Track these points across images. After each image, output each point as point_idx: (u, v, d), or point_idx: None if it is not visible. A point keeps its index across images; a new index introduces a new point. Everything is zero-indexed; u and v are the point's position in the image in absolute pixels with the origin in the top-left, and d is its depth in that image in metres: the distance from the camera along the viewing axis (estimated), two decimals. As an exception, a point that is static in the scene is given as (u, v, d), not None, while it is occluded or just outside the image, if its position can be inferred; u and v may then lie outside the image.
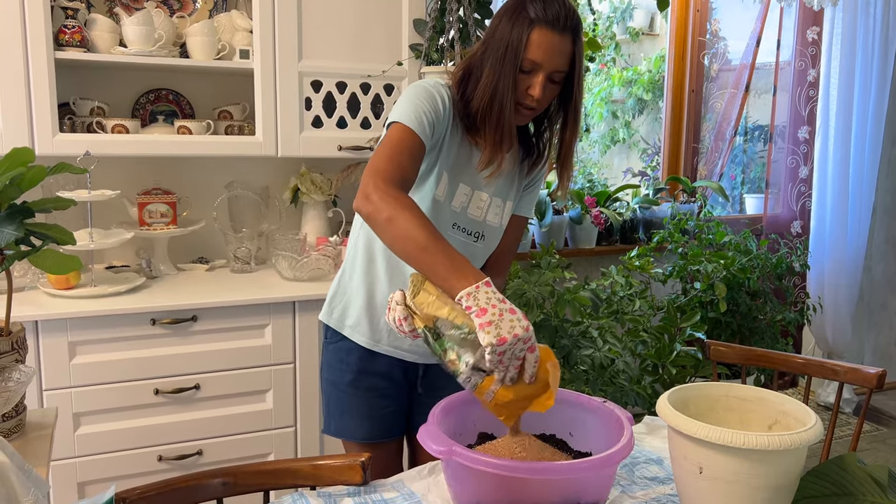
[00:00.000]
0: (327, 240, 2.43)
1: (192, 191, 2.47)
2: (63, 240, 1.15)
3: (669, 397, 1.26)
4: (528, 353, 1.12)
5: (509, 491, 1.15)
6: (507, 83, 1.35)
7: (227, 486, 1.33)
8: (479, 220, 1.51)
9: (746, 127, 4.19)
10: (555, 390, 1.19)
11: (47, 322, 1.88)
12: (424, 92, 1.39)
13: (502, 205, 1.53)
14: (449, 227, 1.48)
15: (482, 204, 1.50)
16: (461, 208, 1.49)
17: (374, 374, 1.54)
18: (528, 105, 1.40)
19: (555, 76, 1.38)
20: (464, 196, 1.48)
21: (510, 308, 1.10)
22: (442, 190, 1.45)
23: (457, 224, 1.49)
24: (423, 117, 1.34)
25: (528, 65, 1.35)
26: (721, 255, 2.79)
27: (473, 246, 1.52)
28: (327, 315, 1.58)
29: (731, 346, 2.07)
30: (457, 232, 1.50)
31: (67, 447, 1.94)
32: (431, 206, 1.44)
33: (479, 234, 1.52)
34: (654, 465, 1.44)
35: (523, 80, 1.37)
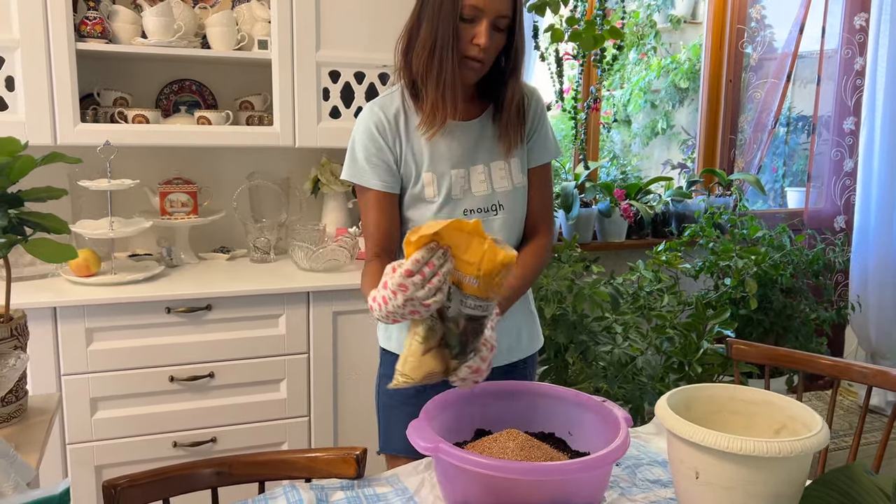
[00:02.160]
0: (347, 231, 2.42)
1: (214, 181, 2.49)
2: (57, 228, 1.17)
3: (671, 398, 1.22)
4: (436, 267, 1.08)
5: (497, 491, 1.12)
6: (447, 33, 1.30)
7: (222, 476, 1.33)
8: (488, 194, 1.46)
9: (789, 118, 4.04)
10: None
11: (65, 308, 1.91)
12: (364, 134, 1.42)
13: (506, 166, 1.47)
14: (460, 215, 1.44)
15: (482, 176, 1.45)
16: (464, 192, 1.45)
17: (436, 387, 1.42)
18: (474, 56, 1.33)
19: (499, 22, 1.32)
20: (461, 179, 1.44)
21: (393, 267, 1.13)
22: (431, 191, 1.43)
23: (468, 209, 1.45)
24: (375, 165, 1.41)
25: (469, 11, 1.29)
26: (753, 250, 2.70)
27: (496, 221, 1.47)
28: (385, 340, 1.60)
29: (753, 344, 1.99)
30: (471, 216, 1.44)
31: (85, 431, 1.98)
32: (432, 211, 1.44)
33: (495, 206, 1.46)
34: (658, 468, 1.39)
35: (466, 29, 1.31)
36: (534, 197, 1.53)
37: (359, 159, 1.42)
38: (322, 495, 1.26)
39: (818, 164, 3.63)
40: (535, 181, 1.53)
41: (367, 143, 1.42)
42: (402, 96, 1.45)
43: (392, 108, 1.43)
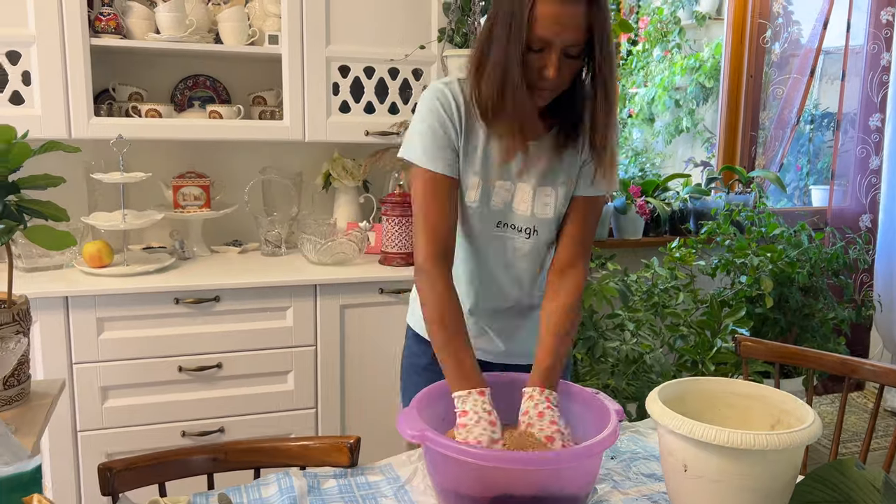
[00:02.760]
0: (357, 225, 2.43)
1: (226, 175, 2.52)
2: (55, 216, 1.19)
3: (663, 391, 1.20)
4: None
5: (485, 480, 1.12)
6: (515, 67, 1.21)
7: (218, 462, 1.35)
8: (527, 215, 1.38)
9: (813, 115, 3.96)
10: None
11: (77, 298, 1.96)
12: (430, 111, 1.32)
13: (552, 193, 1.38)
14: (493, 226, 1.39)
15: (526, 196, 1.37)
16: (504, 205, 1.37)
17: None
18: (545, 87, 1.25)
19: (571, 50, 1.22)
20: (504, 192, 1.36)
21: (492, 420, 1.18)
22: (474, 195, 1.35)
23: (502, 222, 1.39)
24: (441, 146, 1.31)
25: (537, 43, 1.20)
26: (769, 248, 2.65)
27: (526, 243, 1.40)
28: (410, 316, 1.58)
29: (761, 341, 1.96)
30: (504, 230, 1.39)
31: (95, 419, 2.02)
32: (469, 214, 1.37)
33: (530, 230, 1.39)
34: (654, 462, 1.38)
35: (535, 59, 1.22)
36: (575, 228, 1.40)
37: (424, 139, 1.32)
38: (314, 483, 1.27)
39: (843, 161, 3.56)
40: (584, 210, 1.40)
41: (435, 123, 1.31)
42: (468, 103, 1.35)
43: (459, 94, 1.34)
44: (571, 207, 1.40)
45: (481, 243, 1.41)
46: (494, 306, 1.47)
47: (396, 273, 2.25)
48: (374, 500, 1.23)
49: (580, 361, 2.32)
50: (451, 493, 1.15)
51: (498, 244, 1.41)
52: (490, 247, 1.41)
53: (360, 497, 1.24)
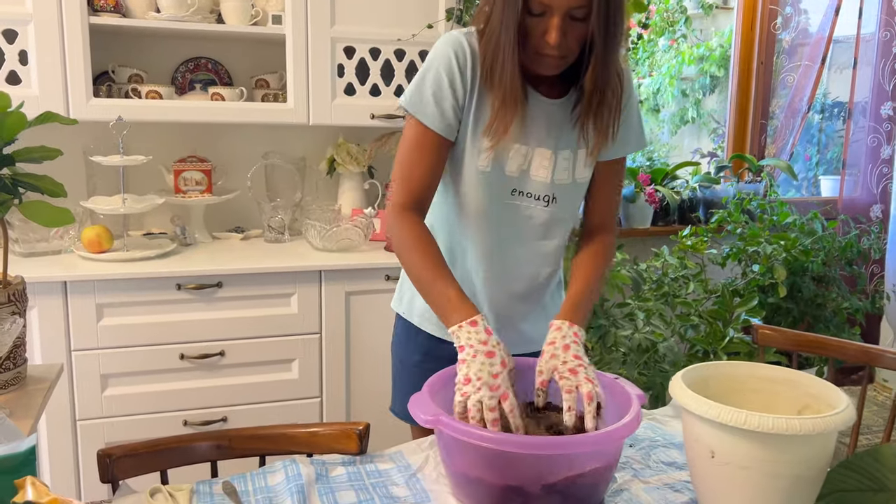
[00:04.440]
0: (362, 211, 2.39)
1: (229, 160, 2.47)
2: (52, 191, 1.14)
3: (686, 375, 1.15)
4: (502, 400, 1.09)
5: (501, 466, 1.07)
6: (510, 32, 1.14)
7: (222, 450, 1.30)
8: (546, 183, 1.30)
9: (823, 104, 3.90)
10: None
11: (75, 283, 1.90)
12: (441, 60, 1.23)
13: (571, 157, 1.29)
14: (507, 195, 1.30)
15: (546, 162, 1.28)
16: (520, 171, 1.29)
17: (443, 360, 1.34)
18: (549, 53, 1.16)
19: (576, 13, 1.13)
20: (520, 157, 1.27)
21: (488, 350, 1.12)
22: (485, 159, 1.26)
23: (517, 190, 1.30)
24: (441, 101, 1.22)
25: (537, 7, 1.13)
26: (782, 235, 2.60)
27: (543, 212, 1.32)
28: (397, 302, 1.51)
29: (779, 329, 1.91)
30: (519, 198, 1.31)
31: (95, 407, 1.97)
32: (478, 181, 1.28)
33: (548, 197, 1.31)
34: (673, 450, 1.33)
35: (537, 24, 1.14)
36: (601, 193, 1.36)
37: (425, 88, 1.24)
38: (322, 470, 1.22)
39: (854, 151, 3.50)
40: (607, 175, 1.35)
41: (443, 74, 1.23)
42: None
43: (477, 47, 1.23)
44: (595, 170, 1.35)
45: (492, 214, 1.32)
46: (504, 288, 1.39)
47: (403, 260, 2.19)
48: (384, 489, 1.18)
49: (591, 350, 2.27)
50: (466, 480, 1.10)
51: (510, 214, 1.32)
52: (502, 218, 1.33)
53: (370, 485, 1.19)
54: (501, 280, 1.38)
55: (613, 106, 1.24)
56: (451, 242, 1.38)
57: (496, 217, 1.32)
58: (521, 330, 1.44)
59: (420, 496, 1.15)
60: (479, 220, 1.33)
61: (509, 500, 1.07)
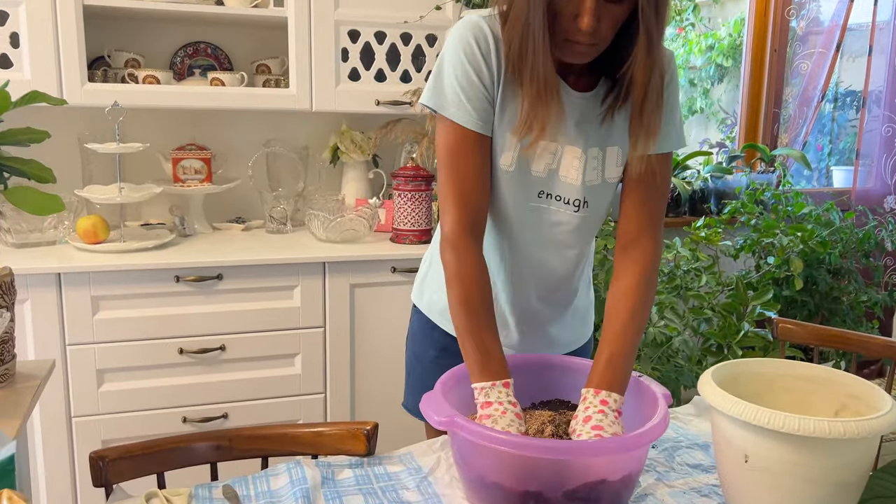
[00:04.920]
0: (367, 202, 2.31)
1: (229, 148, 2.40)
2: (40, 176, 1.07)
3: (716, 373, 1.09)
4: None
5: (520, 471, 1.00)
6: (539, 15, 1.02)
7: (222, 451, 1.23)
8: (577, 185, 1.17)
9: (836, 93, 3.82)
10: None
11: (69, 275, 1.83)
12: (462, 48, 1.11)
13: (600, 155, 1.17)
14: (532, 197, 1.18)
15: (576, 162, 1.16)
16: (548, 171, 1.17)
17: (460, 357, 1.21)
18: (580, 40, 1.04)
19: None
20: (549, 155, 1.15)
21: (518, 413, 1.07)
22: (509, 158, 1.15)
23: (544, 192, 1.18)
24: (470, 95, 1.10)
25: None
26: (799, 227, 2.52)
27: (574, 217, 1.20)
28: (418, 296, 1.42)
29: (801, 324, 1.84)
30: (546, 201, 1.18)
31: (91, 404, 1.90)
32: (500, 181, 1.17)
33: (579, 201, 1.18)
34: (698, 451, 1.26)
35: (568, 6, 1.02)
36: (636, 195, 1.19)
37: (449, 83, 1.11)
38: (328, 473, 1.15)
39: (868, 141, 3.42)
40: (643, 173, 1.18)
41: (468, 66, 1.11)
42: None
43: (499, 32, 1.12)
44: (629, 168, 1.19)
45: (515, 218, 1.21)
46: (528, 292, 1.30)
47: (409, 251, 2.13)
48: (394, 493, 1.11)
49: (603, 345, 2.20)
50: (481, 485, 1.03)
51: (535, 218, 1.21)
52: (526, 222, 1.22)
53: (378, 489, 1.12)
54: (525, 285, 1.30)
55: (654, 99, 1.11)
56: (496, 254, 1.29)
57: (520, 221, 1.22)
58: (548, 332, 1.37)
59: (432, 501, 1.09)
60: (501, 224, 1.24)
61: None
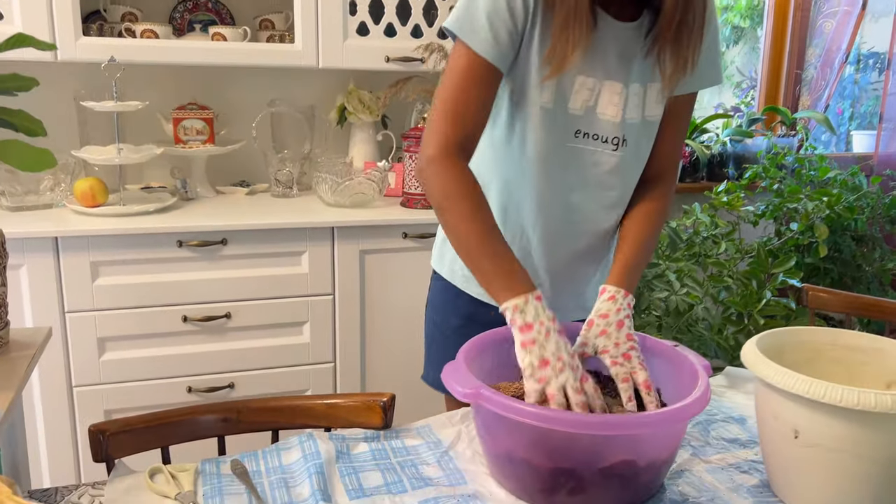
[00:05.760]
0: (375, 164, 2.22)
1: (232, 108, 2.30)
2: (31, 129, 0.98)
3: (759, 342, 1.01)
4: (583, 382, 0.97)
5: (551, 447, 0.93)
6: None
7: (229, 423, 1.16)
8: (616, 122, 1.12)
9: (859, 54, 3.69)
10: None
11: (67, 239, 1.75)
12: None
13: (641, 91, 1.12)
14: (570, 136, 1.12)
15: (616, 98, 1.10)
16: (585, 108, 1.11)
17: (487, 325, 1.16)
18: None
19: None
20: (586, 91, 1.09)
21: (560, 328, 0.98)
22: (548, 94, 1.08)
23: (581, 131, 1.12)
24: (496, 25, 1.03)
25: None
26: (825, 191, 2.43)
27: (612, 157, 1.14)
28: (438, 261, 1.33)
29: (832, 291, 1.76)
30: (584, 140, 1.13)
31: (93, 373, 1.84)
32: (539, 119, 1.10)
33: (618, 139, 1.13)
34: (734, 425, 1.19)
35: None
36: (668, 133, 1.18)
37: (477, 9, 1.04)
38: (343, 447, 1.08)
39: (892, 104, 3.30)
40: (674, 113, 1.17)
41: None
42: None
43: None
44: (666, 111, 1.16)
45: (553, 159, 1.14)
46: (565, 246, 1.22)
47: (421, 216, 2.04)
48: (413, 468, 1.04)
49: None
50: (508, 460, 0.96)
51: (574, 159, 1.14)
52: (563, 164, 1.15)
53: (396, 464, 1.05)
54: (562, 237, 1.21)
55: (695, 31, 1.05)
56: (505, 193, 1.20)
57: (558, 163, 1.14)
58: (580, 294, 1.28)
59: (454, 477, 1.02)
60: (539, 167, 1.15)
61: (559, 483, 0.93)
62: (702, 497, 0.98)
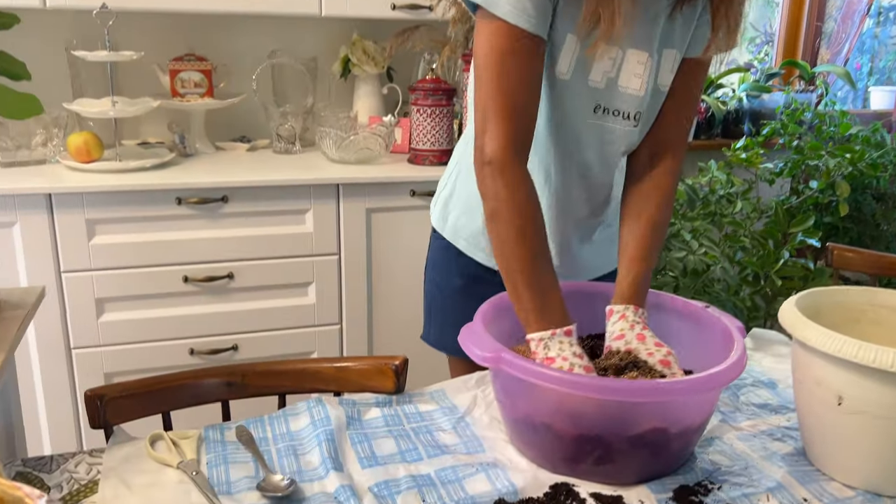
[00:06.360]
0: (381, 119, 2.14)
1: (231, 59, 2.20)
2: (13, 72, 0.90)
3: (799, 303, 0.94)
4: None
5: (576, 413, 0.87)
6: None
7: (234, 388, 1.10)
8: (638, 95, 1.02)
9: (880, 6, 3.56)
10: None
11: (61, 196, 1.68)
12: None
13: (656, 59, 1.02)
14: (588, 112, 1.03)
15: (639, 68, 1.00)
16: (606, 80, 1.01)
17: (490, 285, 1.11)
18: None
19: None
20: (607, 62, 1.00)
21: (586, 365, 0.91)
22: (567, 63, 0.98)
23: (601, 106, 1.02)
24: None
25: None
26: (847, 147, 2.34)
27: (630, 134, 1.05)
28: (440, 220, 1.25)
29: (859, 251, 1.69)
30: (603, 117, 1.03)
31: (91, 335, 1.78)
32: (555, 92, 1.02)
33: (639, 115, 1.03)
34: (763, 390, 1.13)
35: None
36: (677, 102, 1.06)
37: None
38: (353, 412, 1.03)
39: (912, 58, 3.19)
40: (687, 78, 1.05)
41: None
42: None
43: None
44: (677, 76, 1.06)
45: (567, 137, 1.05)
46: (570, 216, 1.16)
47: (429, 173, 1.96)
48: (429, 435, 0.98)
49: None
50: (530, 427, 0.91)
51: (590, 137, 1.05)
52: (579, 141, 1.06)
53: (410, 430, 1.00)
54: (568, 208, 1.15)
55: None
56: None
57: (572, 140, 1.06)
58: (581, 256, 1.22)
59: (472, 444, 0.96)
60: (550, 144, 1.07)
61: (584, 451, 0.88)
62: (734, 465, 0.92)
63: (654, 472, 0.89)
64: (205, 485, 0.85)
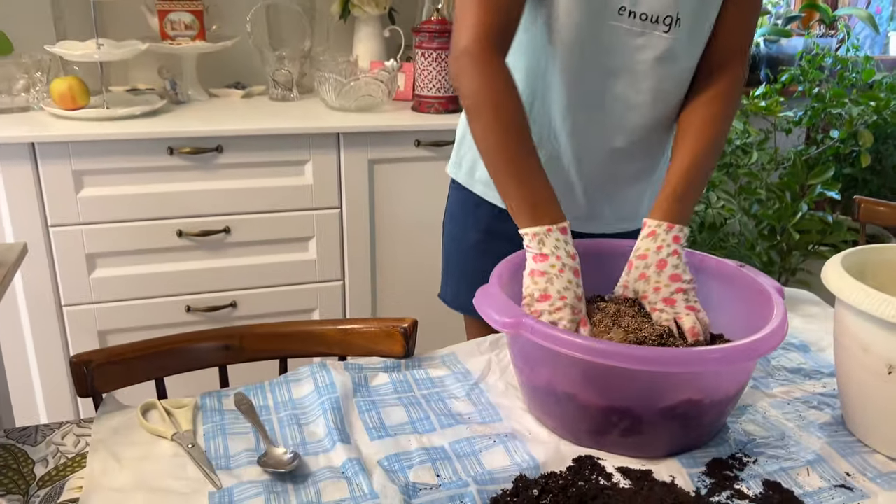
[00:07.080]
0: (382, 64, 2.02)
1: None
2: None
3: (844, 261, 0.86)
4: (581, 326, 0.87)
5: (602, 383, 0.80)
6: None
7: (231, 352, 1.04)
8: None
9: (904, -55, 3.40)
10: None
11: (45, 145, 1.59)
12: None
13: None
14: (611, 13, 0.95)
15: None
16: None
17: (508, 239, 1.04)
18: None
19: None
20: None
21: (576, 268, 0.88)
22: None
23: (625, 9, 0.95)
24: None
25: None
26: (872, 95, 2.23)
27: (661, 41, 0.97)
28: (455, 166, 1.19)
29: (888, 203, 1.61)
30: (629, 20, 0.95)
31: (83, 292, 1.71)
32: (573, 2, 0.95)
33: (671, 18, 0.95)
34: (795, 353, 1.07)
35: None
36: (733, 8, 0.99)
37: None
38: (360, 378, 0.96)
39: (937, 1, 3.05)
40: None
41: None
42: None
43: None
44: None
45: (589, 41, 0.97)
46: (600, 143, 1.06)
47: (435, 121, 1.86)
48: (441, 402, 0.92)
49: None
50: (551, 396, 0.84)
51: (615, 42, 0.97)
52: (601, 49, 0.97)
53: (421, 397, 0.93)
54: (597, 133, 1.05)
55: None
56: (531, 80, 1.03)
57: (595, 47, 0.97)
58: (619, 203, 1.13)
59: (487, 413, 0.90)
60: (572, 51, 0.98)
61: (611, 423, 0.81)
62: (769, 436, 0.86)
63: (686, 445, 0.83)
64: (201, 459, 0.79)
